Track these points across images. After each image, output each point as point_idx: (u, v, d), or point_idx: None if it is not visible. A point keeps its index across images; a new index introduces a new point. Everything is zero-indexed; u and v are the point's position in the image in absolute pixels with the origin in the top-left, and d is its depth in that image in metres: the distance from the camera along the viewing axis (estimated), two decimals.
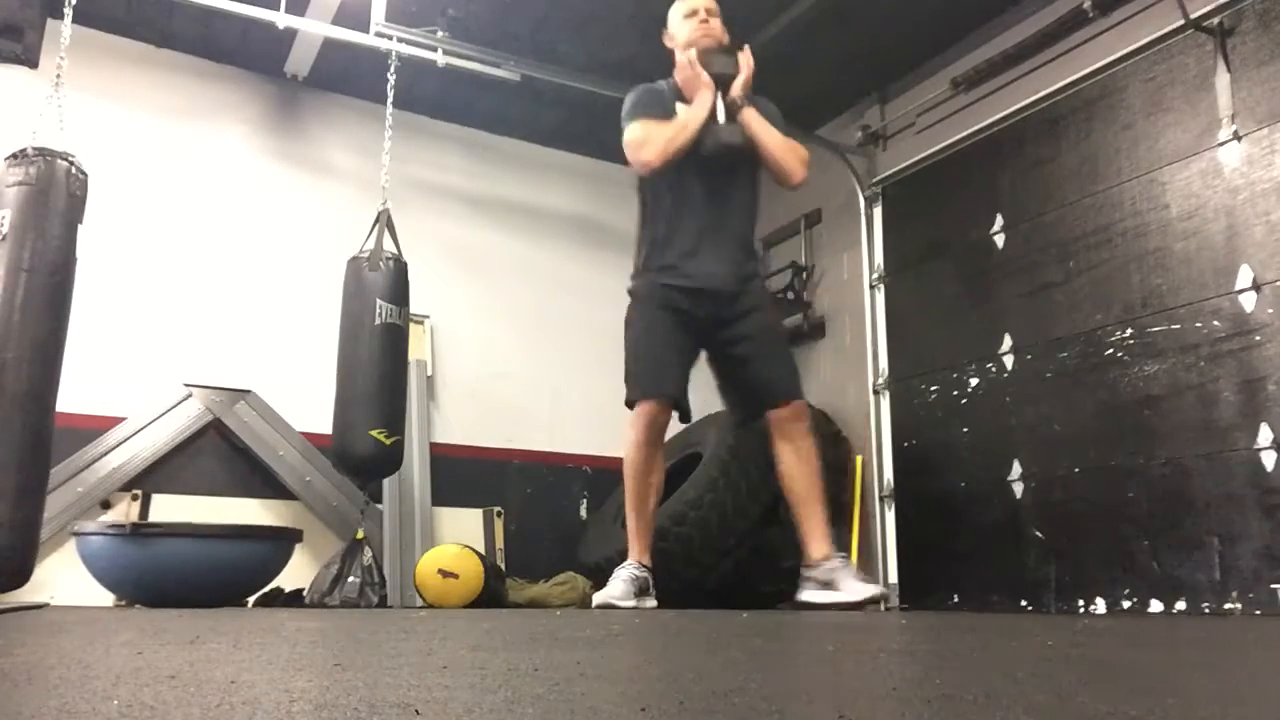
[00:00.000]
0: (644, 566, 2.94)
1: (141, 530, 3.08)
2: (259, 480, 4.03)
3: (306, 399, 4.05)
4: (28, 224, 2.71)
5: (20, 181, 2.73)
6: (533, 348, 4.79)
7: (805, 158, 3.12)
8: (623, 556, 3.73)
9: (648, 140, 3.00)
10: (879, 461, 4.21)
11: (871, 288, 4.39)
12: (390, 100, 3.78)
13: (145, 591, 3.09)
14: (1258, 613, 2.79)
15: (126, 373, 3.89)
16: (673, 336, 3.04)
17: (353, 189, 4.36)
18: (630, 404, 3.00)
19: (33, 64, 3.16)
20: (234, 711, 0.66)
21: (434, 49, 3.81)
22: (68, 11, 3.10)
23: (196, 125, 4.26)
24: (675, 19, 3.24)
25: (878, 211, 4.45)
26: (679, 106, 3.05)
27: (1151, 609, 3.06)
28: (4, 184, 2.74)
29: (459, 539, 4.03)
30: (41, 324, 2.68)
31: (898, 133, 4.42)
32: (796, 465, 2.98)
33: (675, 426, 3.25)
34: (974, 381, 3.82)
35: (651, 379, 3.03)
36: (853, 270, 4.49)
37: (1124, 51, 3.37)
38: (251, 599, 3.43)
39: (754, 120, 3.06)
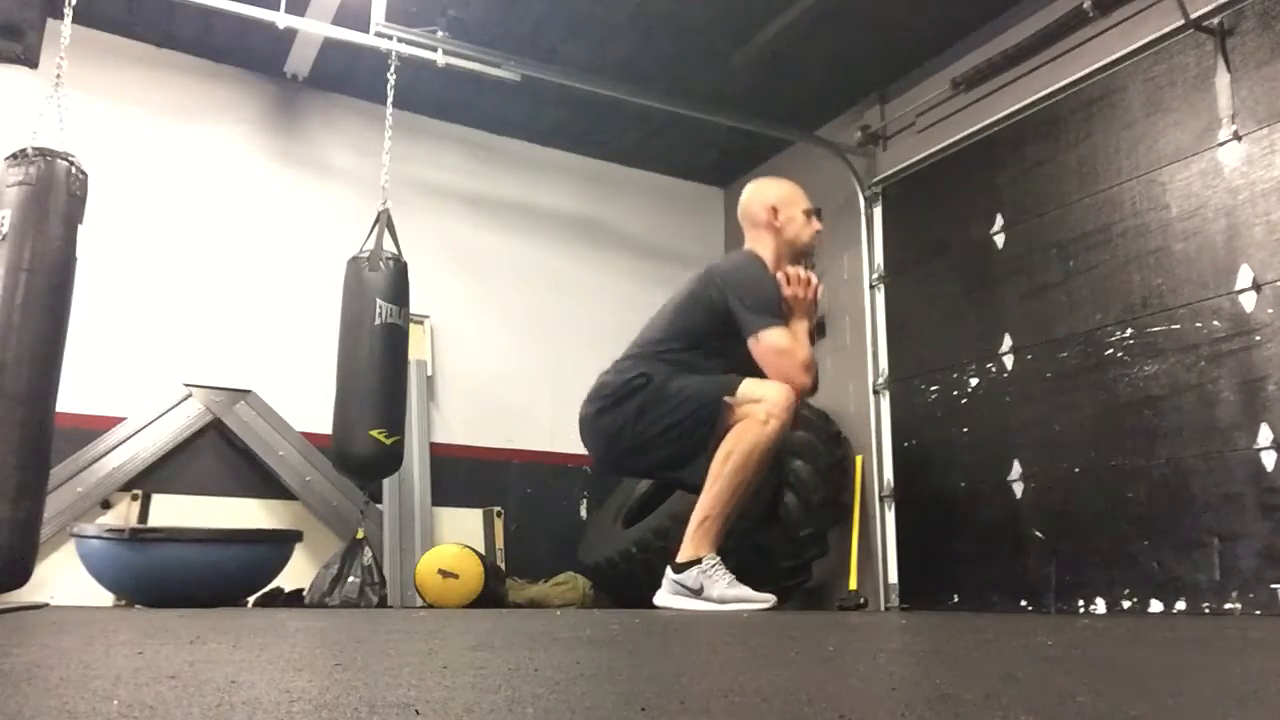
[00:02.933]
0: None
1: (140, 535, 3.08)
2: (259, 480, 4.03)
3: (306, 399, 4.06)
4: (28, 224, 2.71)
5: (20, 181, 2.73)
6: (533, 348, 4.79)
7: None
8: (623, 556, 3.74)
9: (803, 364, 2.84)
10: (879, 461, 4.21)
11: (871, 288, 4.39)
12: (390, 100, 3.78)
13: (144, 593, 3.09)
14: (1258, 613, 2.79)
15: (126, 373, 3.89)
16: None
17: (353, 189, 4.36)
18: (730, 392, 2.74)
19: (33, 64, 3.16)
20: (234, 711, 0.66)
21: (434, 49, 3.81)
22: (68, 11, 3.10)
23: (196, 125, 4.27)
24: (792, 206, 3.10)
25: (878, 211, 4.45)
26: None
27: (1151, 609, 3.06)
28: (4, 184, 2.74)
29: (459, 539, 4.04)
30: (41, 324, 2.68)
31: (898, 133, 4.42)
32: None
33: None
34: (974, 381, 3.82)
35: (725, 377, 2.86)
36: (853, 270, 4.49)
37: (1124, 51, 3.37)
38: (251, 599, 3.43)
39: None
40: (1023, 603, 3.46)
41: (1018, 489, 3.56)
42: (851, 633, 1.71)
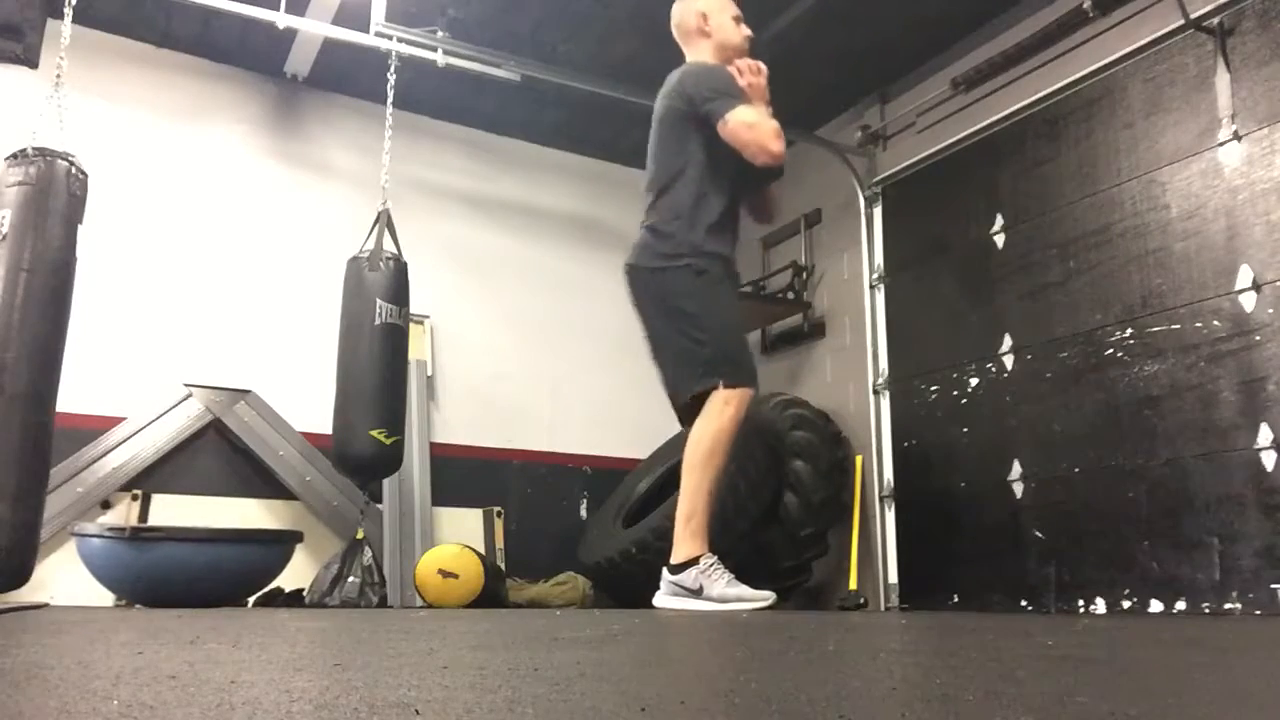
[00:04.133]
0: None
1: (141, 534, 3.08)
2: (259, 480, 4.03)
3: (306, 399, 4.06)
4: (28, 224, 2.71)
5: (20, 181, 2.73)
6: (533, 348, 4.79)
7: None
8: (623, 556, 3.74)
9: (773, 131, 2.92)
10: (879, 461, 4.21)
11: (871, 288, 4.39)
12: (390, 100, 3.78)
13: (145, 593, 3.09)
14: (1258, 613, 2.79)
15: (126, 373, 3.89)
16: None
17: (353, 189, 4.36)
18: (734, 387, 2.84)
19: (33, 64, 3.16)
20: (234, 711, 0.66)
21: (434, 49, 3.81)
22: (68, 11, 3.10)
23: (196, 125, 4.27)
24: (720, 12, 3.17)
25: (878, 211, 4.45)
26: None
27: (1151, 609, 3.06)
28: (4, 184, 2.74)
29: (459, 539, 4.04)
30: (41, 324, 2.68)
31: (898, 133, 4.42)
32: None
33: (674, 428, 3.25)
34: (974, 381, 3.82)
35: (754, 369, 2.98)
36: (853, 270, 4.49)
37: (1124, 51, 3.37)
38: (251, 599, 3.43)
39: None
40: (1023, 603, 3.46)
41: (1018, 489, 3.56)
42: (851, 633, 1.71)
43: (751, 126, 2.91)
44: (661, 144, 3.12)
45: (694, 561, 2.73)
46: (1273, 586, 2.76)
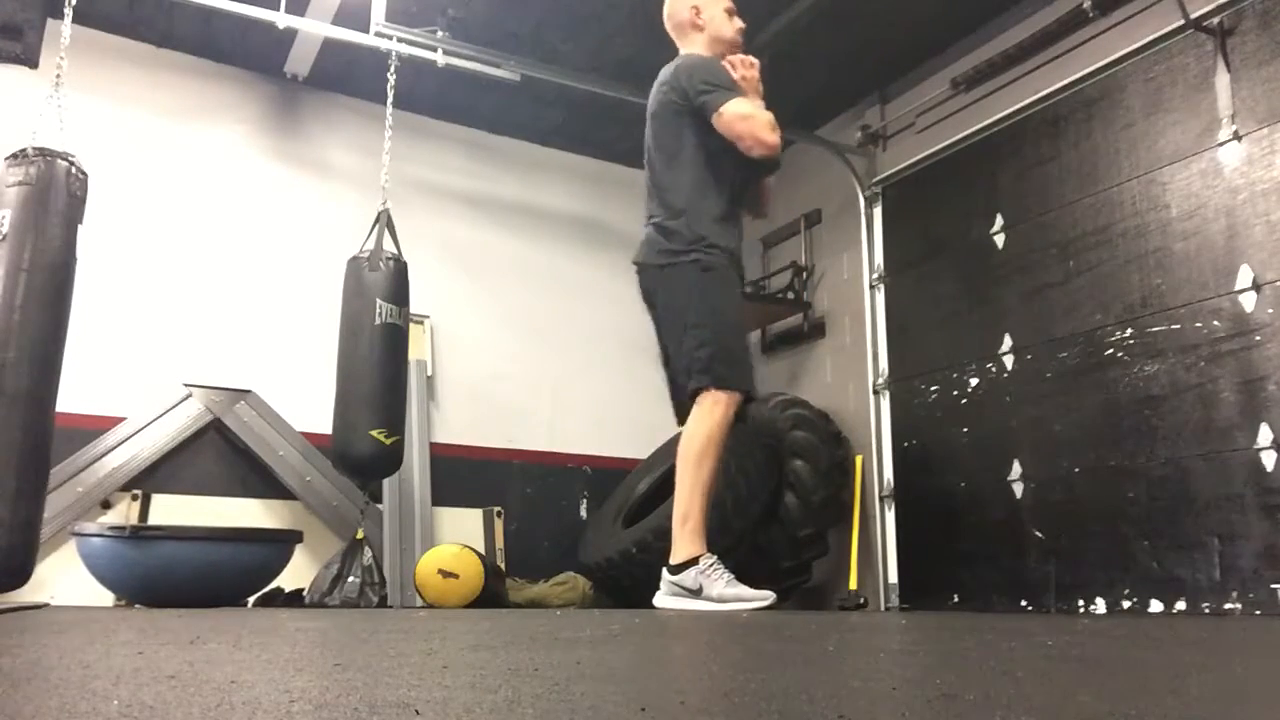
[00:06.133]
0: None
1: (141, 533, 3.08)
2: (259, 480, 4.03)
3: (306, 399, 4.06)
4: (28, 224, 2.71)
5: (20, 181, 2.73)
6: (533, 348, 4.79)
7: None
8: (623, 556, 3.74)
9: (768, 123, 2.93)
10: (879, 461, 4.21)
11: (871, 288, 4.39)
12: (390, 100, 3.78)
13: (145, 592, 3.09)
14: (1258, 613, 2.79)
15: (126, 373, 3.89)
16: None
17: (353, 189, 4.36)
18: (725, 389, 2.82)
19: (33, 64, 3.17)
20: (234, 711, 0.66)
21: (434, 49, 3.81)
22: (68, 11, 3.10)
23: (196, 125, 4.27)
24: (712, 4, 3.17)
25: (878, 211, 4.45)
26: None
27: (1151, 609, 3.06)
28: (4, 184, 2.74)
29: (459, 539, 4.04)
30: (41, 324, 2.68)
31: (898, 133, 4.42)
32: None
33: (674, 428, 3.25)
34: (974, 381, 3.82)
35: (750, 370, 2.97)
36: (853, 270, 4.49)
37: (1124, 51, 3.37)
38: (251, 599, 3.43)
39: None
40: (1023, 603, 3.46)
41: (1018, 489, 3.56)
42: (851, 633, 1.71)
43: (745, 118, 2.91)
44: (659, 139, 3.13)
45: (693, 562, 2.74)
46: (1273, 586, 2.76)
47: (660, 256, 3.00)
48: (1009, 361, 3.69)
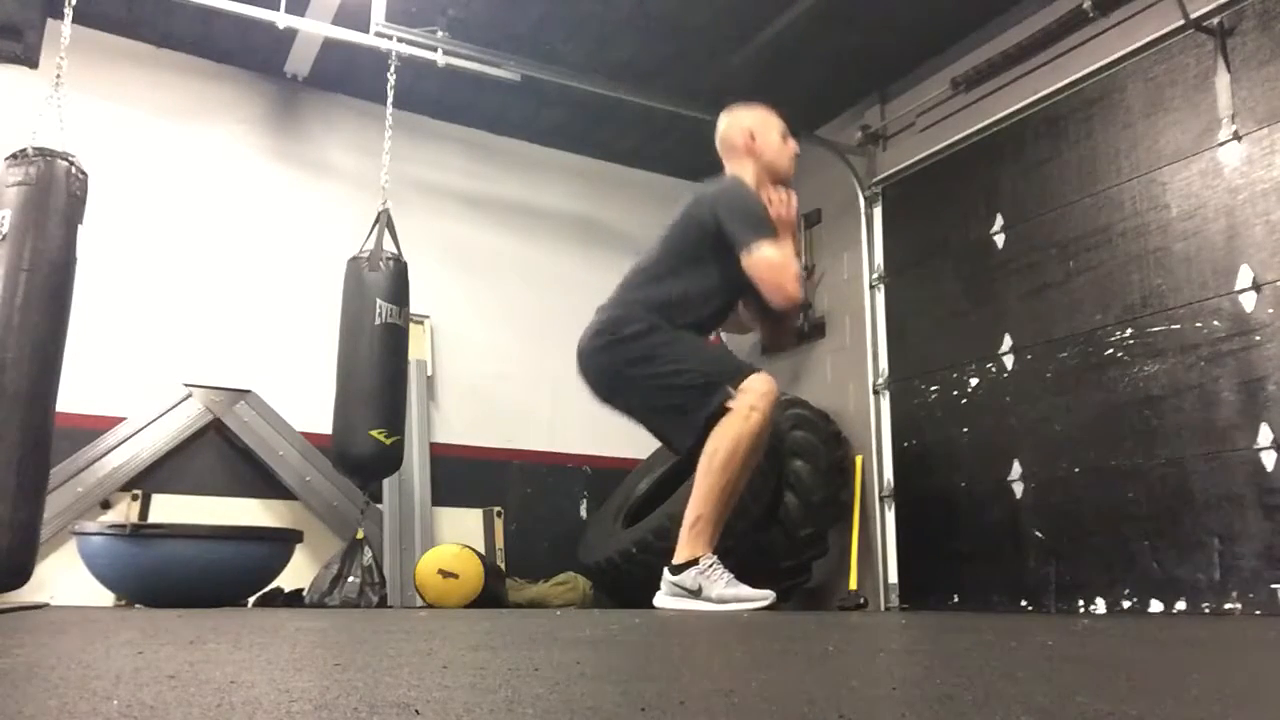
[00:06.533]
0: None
1: (142, 531, 3.08)
2: (259, 480, 4.03)
3: (306, 399, 4.06)
4: (28, 224, 2.71)
5: (20, 181, 2.73)
6: (533, 348, 4.79)
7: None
8: (623, 556, 3.74)
9: (795, 276, 2.92)
10: (879, 461, 4.21)
11: (871, 288, 4.39)
12: (390, 100, 3.78)
13: (145, 592, 3.09)
14: (1258, 613, 2.79)
15: (126, 373, 3.89)
16: None
17: (353, 189, 4.36)
18: (736, 383, 2.80)
19: (33, 64, 3.17)
20: (234, 711, 0.66)
21: (434, 49, 3.81)
22: (68, 11, 3.10)
23: (196, 125, 4.27)
24: (767, 131, 3.16)
25: (878, 211, 4.45)
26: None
27: (1151, 609, 3.06)
28: (4, 184, 2.74)
29: (459, 539, 4.04)
30: (41, 324, 2.68)
31: (898, 133, 4.42)
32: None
33: None
34: (974, 381, 3.82)
35: (743, 362, 2.96)
36: (853, 270, 4.49)
37: (1124, 51, 3.37)
38: (251, 599, 3.43)
39: None
40: (1023, 603, 3.46)
41: (1018, 489, 3.56)
42: (851, 633, 1.71)
43: (775, 267, 2.89)
44: (674, 244, 3.08)
45: (694, 562, 2.73)
46: (1273, 586, 2.76)
47: (604, 337, 3.00)
48: (1009, 361, 3.69)
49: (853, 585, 4.05)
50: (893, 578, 4.07)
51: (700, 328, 3.03)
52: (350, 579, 3.48)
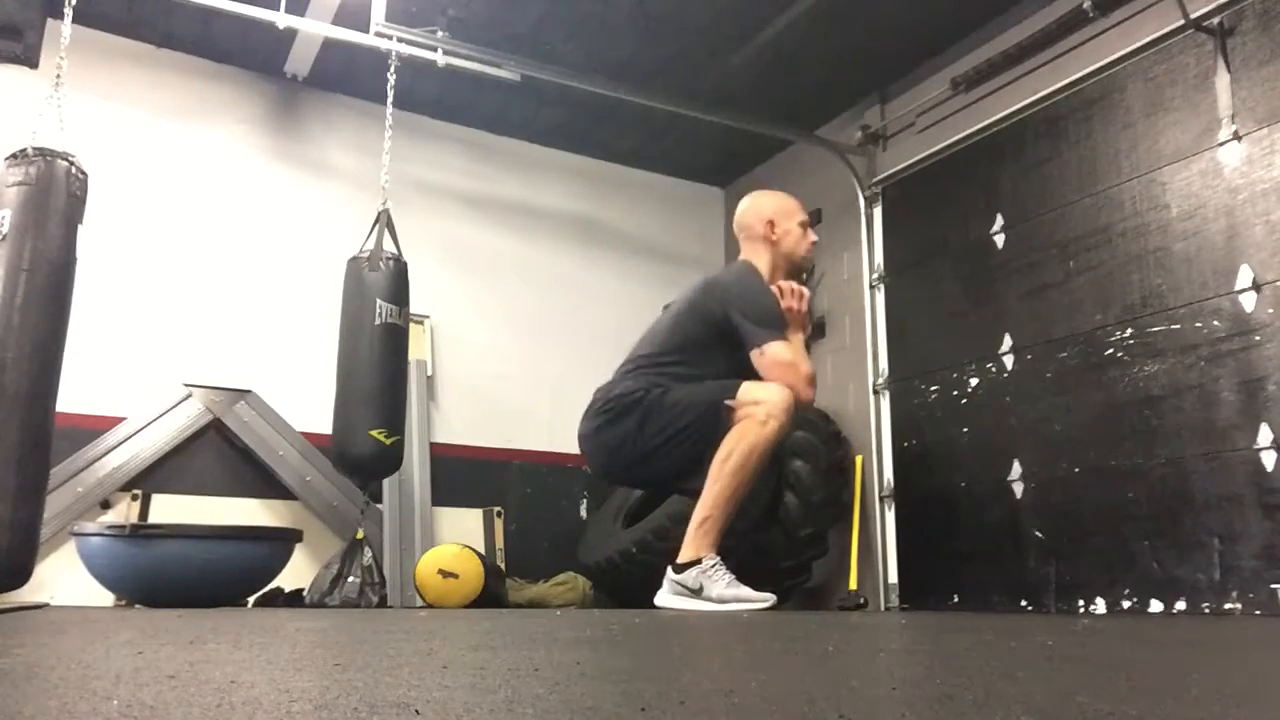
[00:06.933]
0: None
1: (141, 531, 3.08)
2: (259, 480, 4.03)
3: (306, 399, 4.06)
4: (28, 224, 2.70)
5: (20, 181, 2.73)
6: (533, 348, 4.79)
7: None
8: (623, 556, 3.74)
9: (807, 378, 2.89)
10: (879, 461, 4.21)
11: (871, 288, 4.39)
12: (390, 100, 3.78)
13: (145, 592, 3.09)
14: (1258, 613, 2.79)
15: (126, 373, 3.89)
16: None
17: (353, 189, 4.36)
18: (731, 394, 2.77)
19: (33, 64, 3.17)
20: (234, 711, 0.66)
21: (434, 49, 3.81)
22: (68, 11, 3.09)
23: (196, 125, 4.27)
24: (787, 217, 3.15)
25: (878, 211, 4.45)
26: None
27: (1151, 609, 3.06)
28: (4, 184, 2.74)
29: (459, 539, 4.04)
30: (41, 324, 2.68)
31: (898, 133, 4.42)
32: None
33: None
34: (974, 381, 3.82)
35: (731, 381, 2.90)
36: (853, 270, 4.49)
37: (1124, 51, 3.37)
38: (251, 599, 3.43)
39: None
40: (1023, 603, 3.46)
41: (1018, 489, 3.56)
42: (851, 633, 1.71)
43: (787, 367, 2.87)
44: (679, 330, 3.06)
45: (697, 562, 2.74)
46: (1273, 586, 2.76)
47: (600, 416, 2.99)
48: (1009, 361, 3.69)
49: (853, 585, 4.05)
50: (893, 578, 4.07)
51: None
52: (350, 579, 3.47)
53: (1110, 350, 3.31)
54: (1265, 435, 2.84)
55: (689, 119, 4.47)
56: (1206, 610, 2.91)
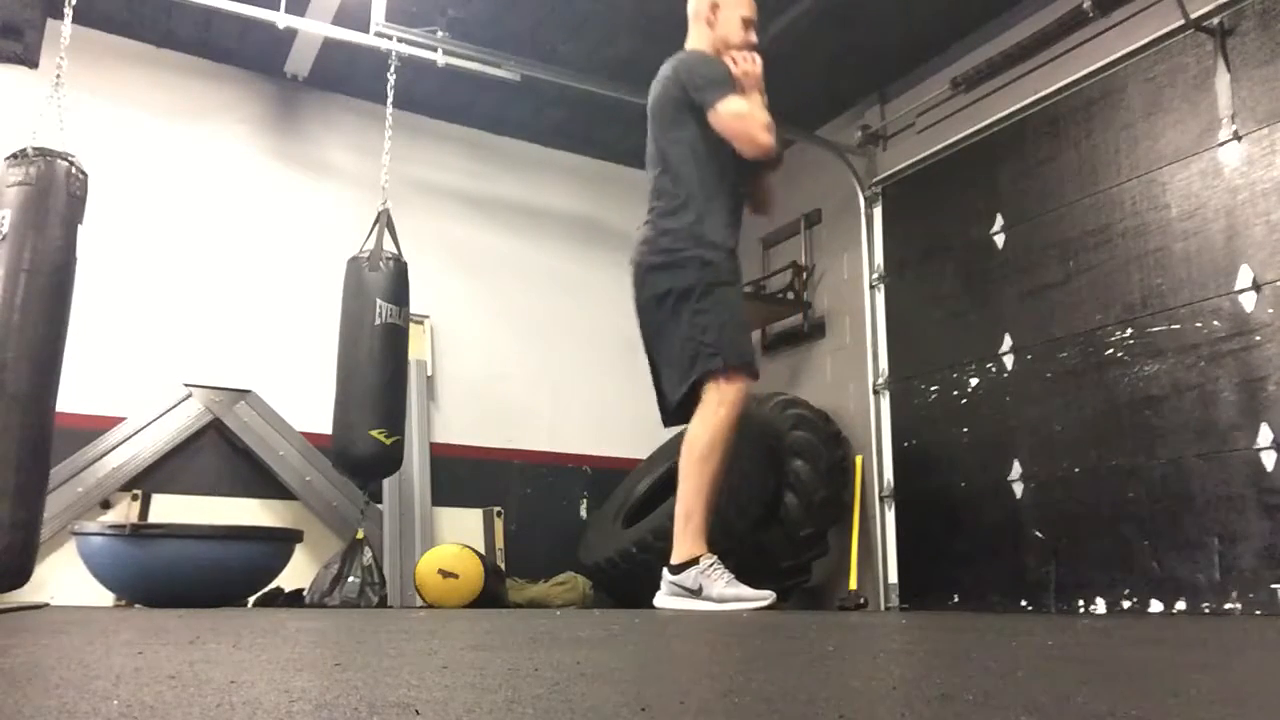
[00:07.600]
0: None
1: (141, 531, 3.08)
2: (259, 480, 4.03)
3: (306, 399, 4.06)
4: (28, 224, 2.70)
5: (20, 181, 2.73)
6: (533, 348, 4.79)
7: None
8: (623, 556, 3.74)
9: (763, 124, 2.90)
10: (879, 461, 4.21)
11: (871, 288, 4.39)
12: (390, 100, 3.78)
13: (145, 592, 3.09)
14: (1258, 613, 2.79)
15: (126, 373, 3.89)
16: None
17: (353, 189, 4.36)
18: (724, 371, 2.78)
19: (33, 64, 3.16)
20: (234, 711, 0.66)
21: (434, 49, 3.81)
22: (68, 11, 3.10)
23: (196, 125, 4.27)
24: (731, 8, 3.16)
25: (878, 211, 4.45)
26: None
27: (1151, 609, 3.06)
28: (4, 184, 2.74)
29: (459, 539, 4.04)
30: (41, 324, 2.68)
31: (898, 133, 4.42)
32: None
33: (671, 429, 3.24)
34: (974, 381, 3.82)
35: (753, 357, 2.94)
36: (853, 270, 4.49)
37: (1124, 51, 3.37)
38: (251, 599, 3.43)
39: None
40: (1023, 603, 3.46)
41: (1018, 489, 3.56)
42: (851, 633, 1.71)
43: (740, 117, 2.90)
44: (658, 135, 3.11)
45: (694, 562, 2.74)
46: (1273, 586, 2.76)
47: (659, 255, 2.98)
48: (1009, 361, 3.69)
49: (853, 585, 4.05)
50: (893, 578, 4.07)
51: (725, 218, 2.98)
52: (350, 579, 3.48)
53: (1110, 350, 3.31)
54: (1265, 435, 2.84)
55: None
56: (1206, 610, 2.91)
